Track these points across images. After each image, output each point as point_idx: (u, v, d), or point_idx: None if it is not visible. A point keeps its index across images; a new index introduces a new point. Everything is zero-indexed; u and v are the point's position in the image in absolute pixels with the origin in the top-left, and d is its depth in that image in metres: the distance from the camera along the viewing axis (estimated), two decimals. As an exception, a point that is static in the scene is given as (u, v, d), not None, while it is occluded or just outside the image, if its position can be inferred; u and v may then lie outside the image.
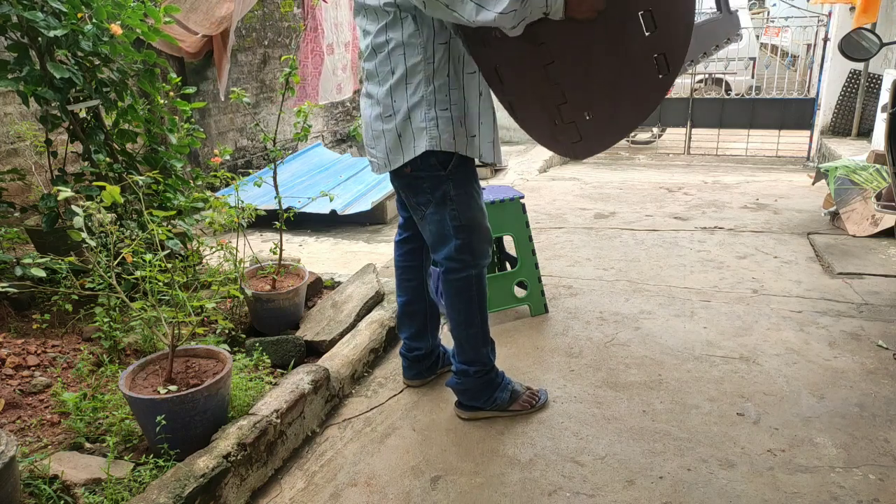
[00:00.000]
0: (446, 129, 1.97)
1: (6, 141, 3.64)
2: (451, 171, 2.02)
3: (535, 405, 2.31)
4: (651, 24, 1.61)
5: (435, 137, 1.96)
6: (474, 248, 2.11)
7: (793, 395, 2.37)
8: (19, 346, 2.37)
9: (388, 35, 1.91)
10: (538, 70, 1.79)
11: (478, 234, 2.11)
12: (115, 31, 2.59)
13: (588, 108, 1.80)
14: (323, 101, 6.16)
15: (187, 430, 1.89)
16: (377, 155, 2.08)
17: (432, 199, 2.06)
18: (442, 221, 2.07)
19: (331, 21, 6.05)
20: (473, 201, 2.09)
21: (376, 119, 2.03)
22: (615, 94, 1.76)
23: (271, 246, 2.97)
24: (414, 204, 2.12)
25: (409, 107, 1.95)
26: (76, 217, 1.93)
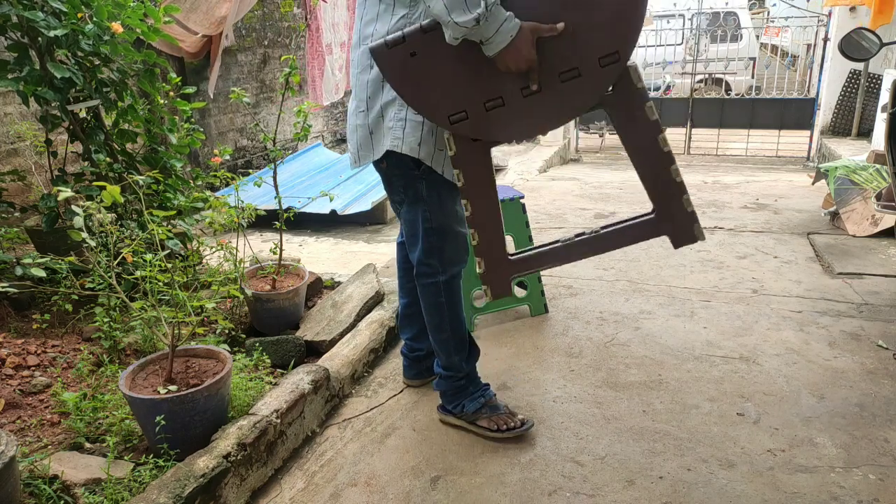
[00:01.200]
0: (413, 133, 1.88)
1: (6, 141, 3.64)
2: (424, 170, 1.94)
3: (509, 430, 2.13)
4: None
5: (398, 139, 1.89)
6: (445, 253, 2.05)
7: (793, 395, 2.37)
8: (19, 346, 2.37)
9: (375, 27, 1.85)
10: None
11: (450, 240, 2.03)
12: (115, 29, 2.59)
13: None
14: (326, 101, 6.17)
15: (187, 430, 1.89)
16: (350, 149, 2.04)
17: (405, 198, 2.01)
18: (414, 221, 2.03)
19: (329, 21, 6.07)
20: (448, 205, 2.00)
21: (353, 112, 1.98)
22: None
23: (271, 246, 2.97)
24: (390, 200, 2.11)
25: (383, 104, 1.89)
26: (76, 217, 1.93)
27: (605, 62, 1.62)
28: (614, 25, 1.60)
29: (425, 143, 1.90)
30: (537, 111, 1.68)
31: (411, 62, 1.62)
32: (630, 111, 1.72)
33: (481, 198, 1.79)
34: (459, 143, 1.74)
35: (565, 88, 1.65)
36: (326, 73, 6.08)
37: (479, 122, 1.69)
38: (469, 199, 1.79)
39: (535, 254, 1.88)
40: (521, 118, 1.69)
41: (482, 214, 1.80)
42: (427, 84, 1.66)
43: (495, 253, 1.84)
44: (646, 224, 1.82)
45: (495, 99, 1.66)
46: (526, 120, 1.69)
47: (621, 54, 1.61)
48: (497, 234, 1.83)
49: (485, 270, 1.84)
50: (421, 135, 1.89)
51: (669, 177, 1.76)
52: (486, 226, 1.81)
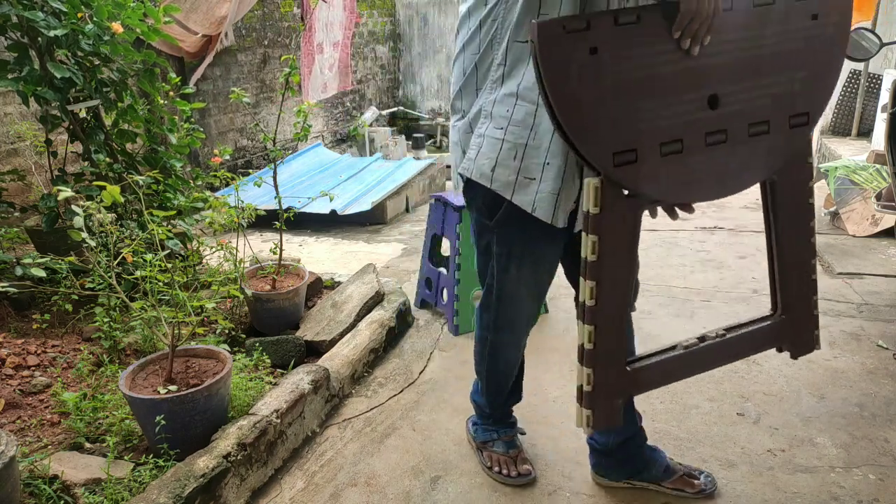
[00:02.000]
0: (489, 153, 1.52)
1: (6, 141, 3.64)
2: (497, 222, 1.58)
3: (500, 475, 1.94)
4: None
5: (470, 160, 1.55)
6: (501, 319, 1.79)
7: (793, 395, 2.37)
8: (19, 346, 2.37)
9: (469, 22, 1.54)
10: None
11: (514, 310, 1.76)
12: (116, 29, 2.59)
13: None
14: (312, 99, 6.18)
15: (187, 430, 1.89)
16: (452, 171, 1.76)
17: (477, 244, 1.76)
18: (483, 269, 1.78)
19: (323, 21, 6.07)
20: (523, 271, 1.65)
21: (451, 126, 1.70)
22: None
23: (271, 246, 2.97)
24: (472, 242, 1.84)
25: (471, 117, 1.57)
26: (76, 217, 1.93)
27: (795, 123, 1.37)
28: (812, 84, 1.38)
29: (502, 165, 1.51)
30: (717, 168, 1.34)
31: (588, 62, 1.19)
32: (793, 188, 1.44)
33: (616, 283, 1.33)
34: (609, 196, 1.26)
35: (751, 145, 1.35)
36: (315, 71, 6.09)
37: (649, 170, 1.27)
38: (598, 282, 1.30)
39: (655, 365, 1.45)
40: (697, 173, 1.33)
41: (611, 307, 1.33)
42: (599, 100, 1.22)
43: (613, 366, 1.39)
44: (770, 329, 1.53)
45: (675, 142, 1.28)
46: (703, 176, 1.34)
47: (811, 118, 1.39)
48: (621, 338, 1.38)
49: (593, 388, 1.38)
50: (498, 155, 1.50)
51: (809, 273, 1.50)
52: (611, 325, 1.35)
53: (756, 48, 1.31)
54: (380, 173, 5.81)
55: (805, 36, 1.34)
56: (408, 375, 2.62)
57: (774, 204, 1.45)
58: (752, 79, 1.32)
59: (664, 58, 1.24)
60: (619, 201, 1.29)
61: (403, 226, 5.07)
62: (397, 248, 4.44)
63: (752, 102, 1.33)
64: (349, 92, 7.85)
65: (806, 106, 1.38)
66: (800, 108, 1.38)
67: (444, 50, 9.17)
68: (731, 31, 1.28)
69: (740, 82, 1.31)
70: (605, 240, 1.29)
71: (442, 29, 9.09)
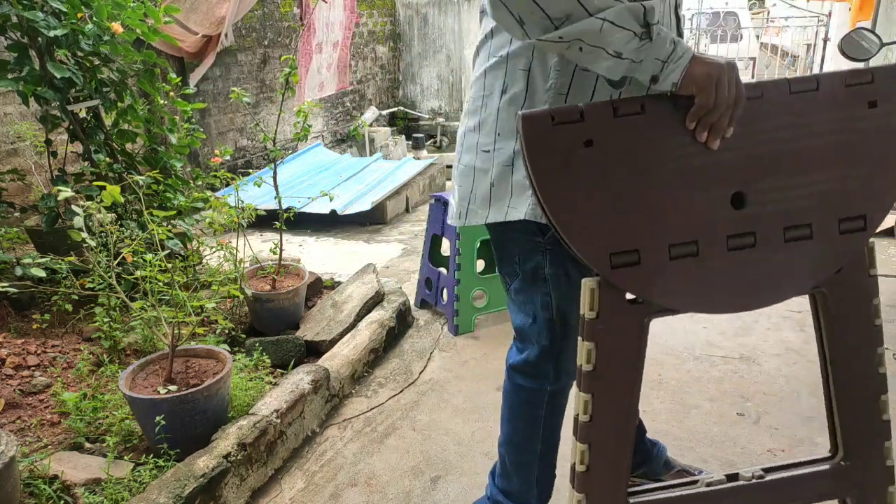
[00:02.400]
0: None
1: (6, 141, 3.64)
2: (550, 238, 1.40)
3: None
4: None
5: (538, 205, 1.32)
6: (562, 358, 1.50)
7: (793, 395, 2.37)
8: (19, 346, 2.37)
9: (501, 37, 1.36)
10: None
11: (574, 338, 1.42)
12: (116, 29, 2.60)
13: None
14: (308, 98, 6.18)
15: (187, 430, 1.89)
16: (456, 197, 1.50)
17: (519, 272, 1.48)
18: (528, 305, 1.49)
19: (323, 21, 6.07)
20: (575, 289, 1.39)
21: (470, 148, 1.44)
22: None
23: (271, 246, 2.97)
24: (499, 271, 1.58)
25: (518, 148, 1.33)
26: (76, 217, 1.93)
27: (847, 227, 1.16)
28: (871, 181, 1.16)
29: None
30: (743, 277, 1.15)
31: (581, 156, 1.07)
32: (850, 305, 1.22)
33: (617, 399, 1.18)
34: (610, 302, 1.13)
35: (788, 251, 1.15)
36: (311, 70, 6.09)
37: (653, 273, 1.12)
38: (594, 395, 1.16)
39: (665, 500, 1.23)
40: (717, 281, 1.14)
41: (609, 424, 1.17)
42: (593, 196, 1.09)
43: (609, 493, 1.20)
44: (830, 476, 1.28)
45: (688, 244, 1.11)
46: (723, 285, 1.15)
47: (869, 223, 1.17)
48: (623, 462, 1.20)
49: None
50: None
51: (877, 410, 1.24)
52: (609, 445, 1.18)
53: (796, 139, 1.12)
54: (380, 173, 5.81)
55: (861, 126, 1.14)
56: (408, 375, 2.62)
57: (827, 323, 1.23)
58: (790, 175, 1.13)
59: (675, 153, 1.10)
60: (620, 307, 1.14)
61: (403, 226, 5.07)
62: (397, 248, 4.44)
63: (790, 202, 1.14)
64: (349, 92, 7.85)
65: (862, 207, 1.16)
66: (854, 209, 1.16)
67: (444, 50, 9.17)
68: (764, 120, 1.12)
69: (774, 178, 1.13)
70: (602, 349, 1.15)
71: (442, 29, 9.09)
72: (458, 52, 9.10)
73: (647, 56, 1.08)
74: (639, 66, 1.09)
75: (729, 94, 1.06)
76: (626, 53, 1.08)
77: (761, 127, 1.12)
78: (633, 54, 1.08)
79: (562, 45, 1.11)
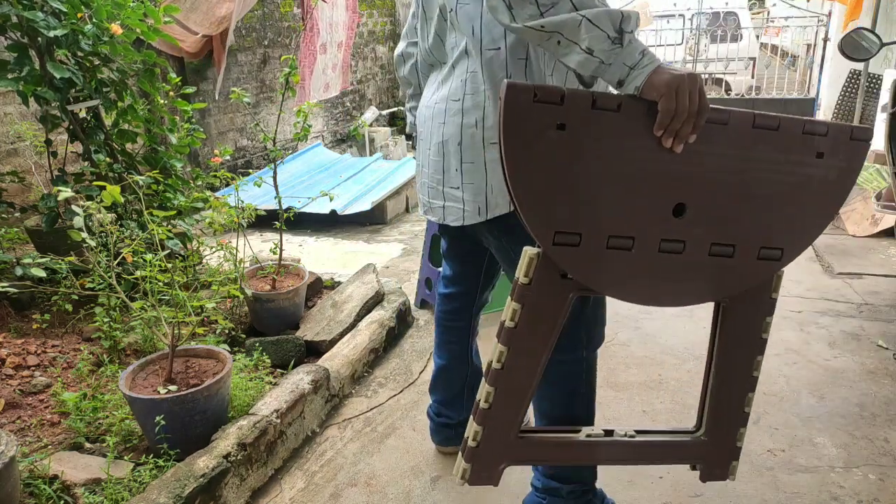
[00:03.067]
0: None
1: (6, 141, 3.64)
2: None
3: None
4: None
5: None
6: (592, 322, 1.57)
7: (793, 395, 2.37)
8: (19, 346, 2.37)
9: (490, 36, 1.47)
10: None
11: (599, 303, 1.58)
12: (115, 30, 2.60)
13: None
14: (313, 98, 6.18)
15: (187, 430, 1.89)
16: (466, 197, 1.52)
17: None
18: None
19: (326, 21, 6.06)
20: None
21: (473, 147, 1.49)
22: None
23: (271, 246, 2.97)
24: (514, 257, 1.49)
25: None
26: (76, 217, 1.93)
27: (765, 255, 1.28)
28: (798, 223, 1.29)
29: None
30: (663, 276, 1.27)
31: (552, 136, 1.14)
32: (746, 319, 1.38)
33: (528, 356, 1.32)
34: (544, 272, 1.24)
35: (707, 264, 1.26)
36: (316, 71, 6.08)
37: (589, 257, 1.22)
38: (509, 349, 1.30)
39: (549, 441, 1.46)
40: (640, 275, 1.26)
41: (517, 376, 1.33)
42: (553, 177, 1.16)
43: (504, 431, 1.38)
44: (688, 445, 1.50)
45: (625, 237, 1.21)
46: (645, 280, 1.27)
47: (784, 256, 1.30)
48: (519, 407, 1.37)
49: (477, 446, 1.37)
50: None
51: (742, 404, 1.45)
52: (513, 394, 1.35)
53: (745, 170, 1.22)
54: (380, 173, 5.81)
55: (803, 171, 1.24)
56: (408, 375, 2.62)
57: (723, 328, 1.39)
58: (730, 199, 1.23)
59: (637, 154, 1.18)
60: (550, 279, 1.25)
61: (403, 226, 5.07)
62: (397, 248, 4.44)
63: (723, 223, 1.25)
64: (349, 92, 7.85)
65: (782, 241, 1.29)
66: (776, 242, 1.29)
67: (444, 50, 9.15)
68: (722, 144, 1.20)
69: (715, 199, 1.23)
70: (526, 311, 1.27)
71: (442, 29, 9.08)
72: (458, 52, 9.08)
73: (615, 60, 1.16)
74: (608, 68, 1.17)
75: (691, 102, 1.13)
76: (597, 52, 1.16)
77: (718, 150, 1.20)
78: (603, 55, 1.16)
79: (542, 35, 1.20)
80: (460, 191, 1.53)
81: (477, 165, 1.49)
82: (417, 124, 1.71)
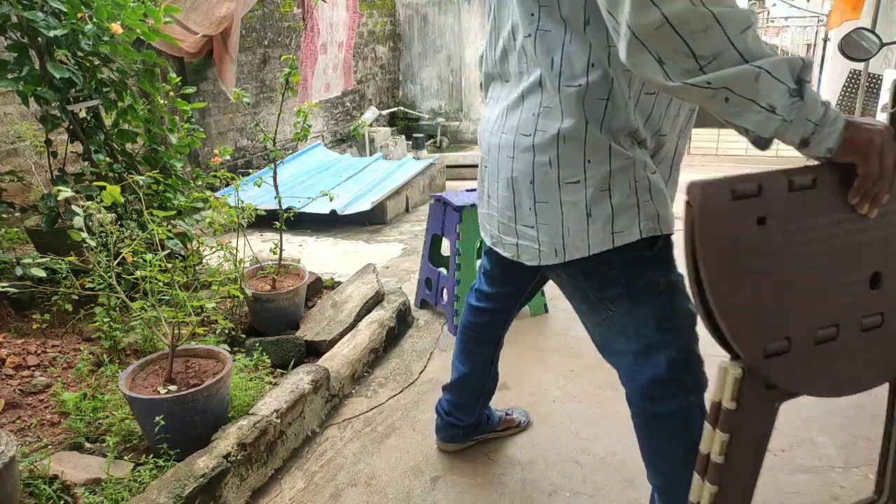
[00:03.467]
0: (663, 202, 1.33)
1: (6, 141, 3.64)
2: (660, 250, 1.35)
3: None
4: None
5: (652, 217, 1.31)
6: (694, 361, 1.42)
7: (793, 395, 2.37)
8: (19, 346, 2.37)
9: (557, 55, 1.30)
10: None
11: (695, 339, 1.42)
12: (115, 30, 2.60)
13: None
14: (315, 99, 6.19)
15: (187, 430, 1.89)
16: (542, 238, 1.40)
17: (628, 293, 1.38)
18: (641, 324, 1.39)
19: (326, 21, 6.07)
20: (685, 289, 1.39)
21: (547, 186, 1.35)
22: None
23: (271, 246, 2.97)
24: (595, 299, 1.43)
25: (614, 169, 1.29)
26: (76, 217, 1.93)
27: None
28: None
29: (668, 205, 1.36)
30: (865, 357, 1.11)
31: (753, 237, 0.99)
32: None
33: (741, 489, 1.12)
34: (751, 390, 1.05)
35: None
36: (317, 71, 6.09)
37: (800, 361, 1.06)
38: (721, 487, 1.10)
39: None
40: (846, 363, 1.10)
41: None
42: (760, 281, 1.00)
43: None
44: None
45: (830, 327, 1.06)
46: (850, 367, 1.11)
47: None
48: None
49: None
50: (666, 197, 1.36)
51: None
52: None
53: None
54: (380, 173, 5.81)
55: None
56: (408, 375, 2.62)
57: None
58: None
59: (833, 230, 1.03)
60: (757, 395, 1.06)
61: (403, 226, 5.07)
62: (397, 248, 4.44)
63: None
64: (349, 92, 7.86)
65: None
66: None
67: (444, 50, 9.16)
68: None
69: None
70: (737, 439, 1.07)
71: (442, 29, 9.09)
72: (458, 52, 9.10)
73: (797, 116, 0.99)
74: (788, 125, 1.00)
75: (892, 160, 1.00)
76: (780, 109, 0.99)
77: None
78: (784, 111, 0.99)
79: (706, 93, 1.01)
80: (535, 230, 1.40)
81: (552, 205, 1.36)
82: (481, 144, 1.57)
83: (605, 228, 1.31)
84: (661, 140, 1.37)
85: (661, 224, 1.32)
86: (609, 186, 1.30)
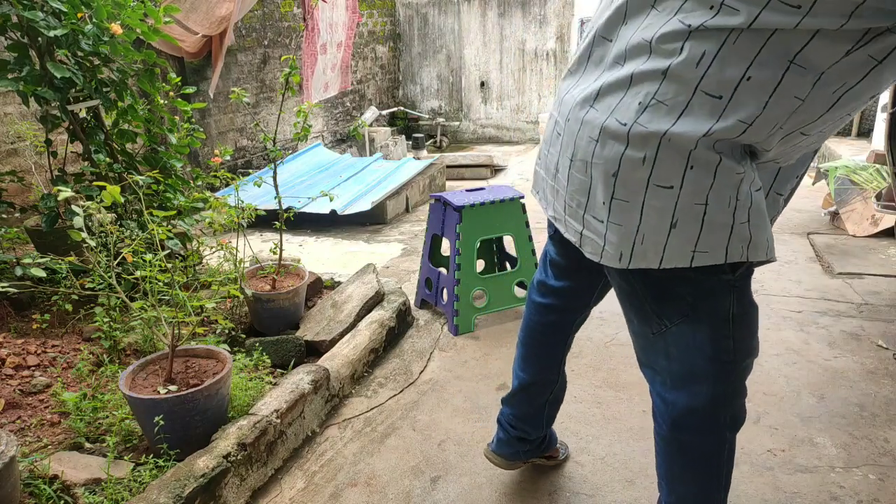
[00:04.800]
0: (761, 225, 1.19)
1: (6, 141, 3.64)
2: (740, 275, 1.25)
3: None
4: None
5: (744, 241, 1.17)
6: (738, 397, 1.36)
7: (793, 395, 2.37)
8: (19, 346, 2.37)
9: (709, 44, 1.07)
10: None
11: (747, 375, 1.36)
12: (115, 30, 2.60)
13: None
14: (314, 99, 6.19)
15: (187, 430, 1.89)
16: (610, 237, 1.25)
17: (691, 314, 1.27)
18: (695, 350, 1.29)
19: (326, 21, 6.07)
20: (756, 324, 1.31)
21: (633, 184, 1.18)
22: None
23: (271, 246, 2.97)
24: (650, 311, 1.33)
25: (718, 183, 1.14)
26: (76, 217, 1.93)
27: None
28: None
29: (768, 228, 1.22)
30: None
31: None
32: None
33: None
34: None
35: None
36: (317, 71, 6.09)
37: None
38: None
39: None
40: None
41: None
42: None
43: None
44: None
45: None
46: None
47: None
48: None
49: None
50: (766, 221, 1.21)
51: None
52: None
53: None
54: (380, 173, 5.81)
55: None
56: (408, 375, 2.62)
57: None
58: None
59: None
60: None
61: (403, 226, 5.07)
62: (397, 248, 4.44)
63: None
64: (349, 92, 7.86)
65: None
66: None
67: (444, 50, 9.17)
68: None
69: None
70: None
71: (442, 29, 9.09)
72: (458, 52, 9.10)
73: None
74: None
75: None
76: None
77: None
78: None
79: None
80: (604, 226, 1.25)
81: (632, 205, 1.19)
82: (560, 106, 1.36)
83: (688, 244, 1.17)
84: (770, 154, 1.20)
85: (751, 250, 1.18)
86: (706, 200, 1.14)
